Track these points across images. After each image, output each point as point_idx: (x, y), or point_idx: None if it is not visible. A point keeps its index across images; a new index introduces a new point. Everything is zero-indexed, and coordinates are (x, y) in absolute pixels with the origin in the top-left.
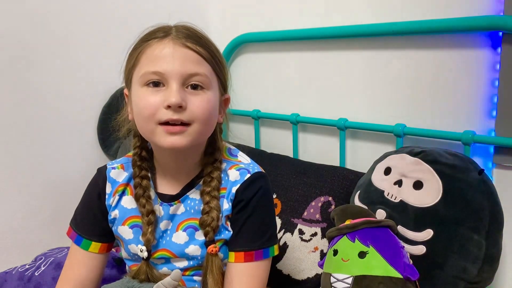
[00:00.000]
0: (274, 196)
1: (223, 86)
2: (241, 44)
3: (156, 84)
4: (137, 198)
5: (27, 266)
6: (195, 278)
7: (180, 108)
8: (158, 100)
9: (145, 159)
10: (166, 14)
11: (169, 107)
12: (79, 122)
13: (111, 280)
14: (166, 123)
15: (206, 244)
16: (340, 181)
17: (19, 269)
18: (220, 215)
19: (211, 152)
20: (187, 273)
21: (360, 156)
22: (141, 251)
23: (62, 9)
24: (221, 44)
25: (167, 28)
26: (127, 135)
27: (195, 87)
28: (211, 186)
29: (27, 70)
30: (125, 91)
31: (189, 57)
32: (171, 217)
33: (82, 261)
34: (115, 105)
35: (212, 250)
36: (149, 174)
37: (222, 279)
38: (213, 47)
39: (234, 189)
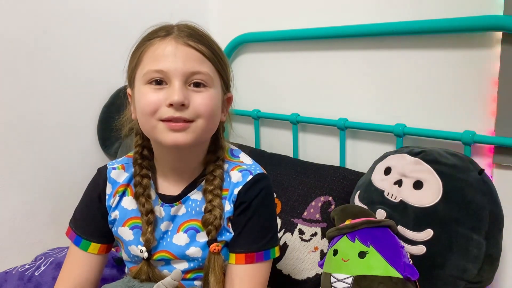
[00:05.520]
0: (274, 196)
1: (226, 85)
2: (241, 44)
3: (159, 82)
4: (136, 197)
5: (27, 266)
6: (195, 282)
7: (182, 106)
8: (160, 97)
9: (147, 158)
10: (167, 14)
11: (171, 105)
12: (79, 122)
13: (111, 280)
14: (168, 120)
15: (209, 243)
16: (340, 181)
17: (19, 269)
18: (222, 215)
19: (214, 151)
20: (187, 276)
21: (360, 156)
22: (141, 252)
23: (62, 8)
24: (221, 44)
25: (169, 27)
26: (128, 135)
27: (197, 85)
28: (214, 184)
29: (27, 70)
30: (128, 90)
31: (191, 55)
32: (172, 218)
33: (81, 262)
34: (116, 105)
35: (215, 249)
36: (150, 174)
37: (224, 278)
38: (215, 46)
39: (236, 191)
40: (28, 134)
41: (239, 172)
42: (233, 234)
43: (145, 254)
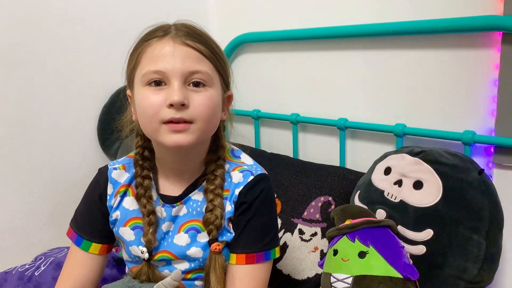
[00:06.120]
0: (275, 196)
1: (226, 83)
2: (241, 44)
3: (158, 83)
4: (138, 198)
5: (27, 266)
6: (196, 283)
7: (182, 106)
8: (160, 99)
9: (147, 159)
10: (166, 14)
11: (171, 105)
12: (79, 122)
13: (111, 280)
14: (170, 121)
15: (210, 242)
16: (340, 181)
17: (19, 269)
18: (223, 215)
19: (215, 150)
20: (188, 276)
21: (360, 156)
22: (142, 252)
23: (62, 8)
24: (221, 44)
25: (167, 27)
26: (128, 135)
27: (196, 84)
28: (215, 184)
29: (27, 70)
30: (128, 92)
31: (190, 55)
32: (173, 219)
33: (82, 262)
34: (115, 105)
35: (216, 248)
36: (151, 175)
37: (224, 278)
38: (214, 44)
39: (237, 191)
40: (28, 134)
41: (240, 173)
42: (233, 234)
43: (146, 255)
